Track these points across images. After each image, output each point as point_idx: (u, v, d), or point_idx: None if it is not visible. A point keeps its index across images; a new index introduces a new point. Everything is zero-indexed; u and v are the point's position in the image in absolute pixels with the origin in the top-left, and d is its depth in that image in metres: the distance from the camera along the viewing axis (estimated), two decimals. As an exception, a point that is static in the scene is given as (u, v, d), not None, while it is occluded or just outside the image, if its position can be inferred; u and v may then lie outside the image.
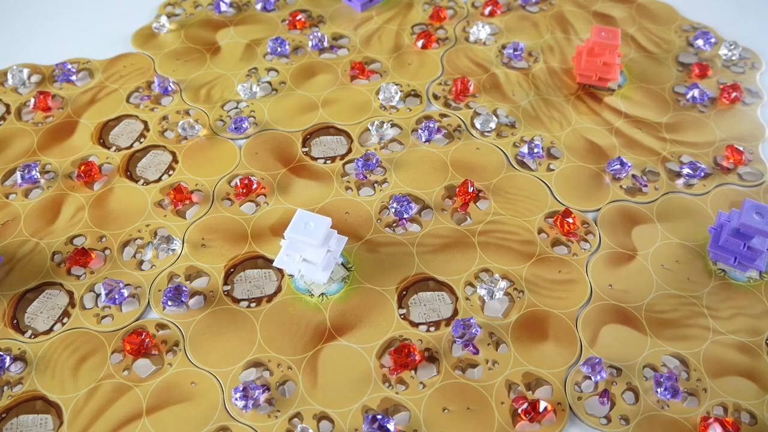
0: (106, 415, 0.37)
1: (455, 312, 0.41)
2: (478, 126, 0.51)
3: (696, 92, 0.54)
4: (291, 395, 0.37)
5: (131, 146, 0.50)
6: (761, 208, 0.39)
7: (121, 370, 0.38)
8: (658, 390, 0.37)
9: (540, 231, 0.45)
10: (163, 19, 0.60)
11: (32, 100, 0.52)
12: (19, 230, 0.45)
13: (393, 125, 0.52)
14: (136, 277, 0.42)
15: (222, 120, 0.52)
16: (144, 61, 0.57)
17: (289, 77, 0.55)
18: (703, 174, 0.48)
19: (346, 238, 0.43)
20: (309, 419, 0.36)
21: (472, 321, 0.39)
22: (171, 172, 0.48)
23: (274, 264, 0.41)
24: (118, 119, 0.52)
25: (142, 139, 0.51)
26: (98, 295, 0.41)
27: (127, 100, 0.54)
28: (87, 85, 0.55)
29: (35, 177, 0.47)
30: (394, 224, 0.45)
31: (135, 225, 0.45)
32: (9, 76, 0.55)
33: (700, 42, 0.59)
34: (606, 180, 0.48)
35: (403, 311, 0.41)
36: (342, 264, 0.43)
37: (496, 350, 0.39)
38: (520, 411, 0.36)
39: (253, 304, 0.41)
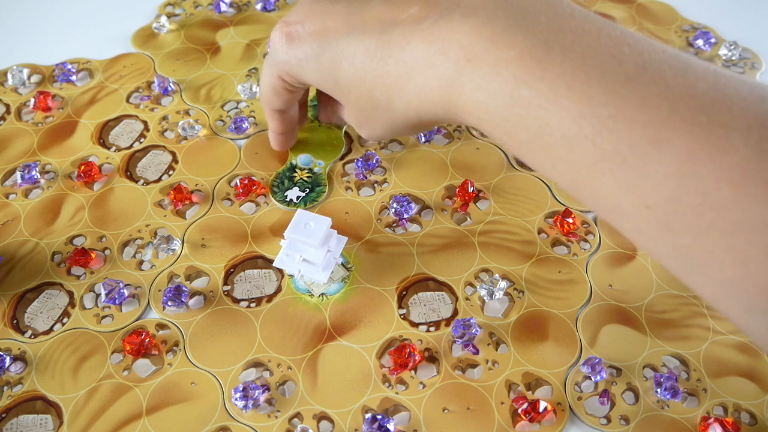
0: (106, 415, 0.37)
1: (455, 312, 0.41)
2: (478, 126, 0.51)
3: (696, 92, 0.54)
4: (291, 395, 0.37)
5: (131, 146, 0.50)
6: (761, 208, 0.39)
7: (121, 370, 0.38)
8: (658, 390, 0.37)
9: (540, 231, 0.45)
10: (163, 19, 0.60)
11: (32, 100, 0.52)
12: (19, 230, 0.45)
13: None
14: (136, 277, 0.42)
15: (222, 120, 0.52)
16: (144, 61, 0.57)
17: (289, 77, 0.55)
18: (703, 174, 0.48)
19: (346, 238, 0.43)
20: (309, 419, 0.36)
21: (472, 321, 0.39)
22: (171, 172, 0.48)
23: (274, 264, 0.41)
24: (118, 119, 0.52)
25: (142, 140, 0.51)
26: (98, 295, 0.42)
27: (127, 100, 0.54)
28: (87, 85, 0.55)
29: (35, 177, 0.47)
30: (394, 224, 0.45)
31: (135, 225, 0.45)
32: (9, 76, 0.55)
33: (700, 42, 0.59)
34: (606, 180, 0.48)
35: (403, 311, 0.41)
36: (342, 264, 0.43)
37: (496, 350, 0.39)
38: (520, 411, 0.36)
39: (253, 304, 0.41)
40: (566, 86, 0.24)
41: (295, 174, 0.47)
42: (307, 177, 0.47)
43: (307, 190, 0.47)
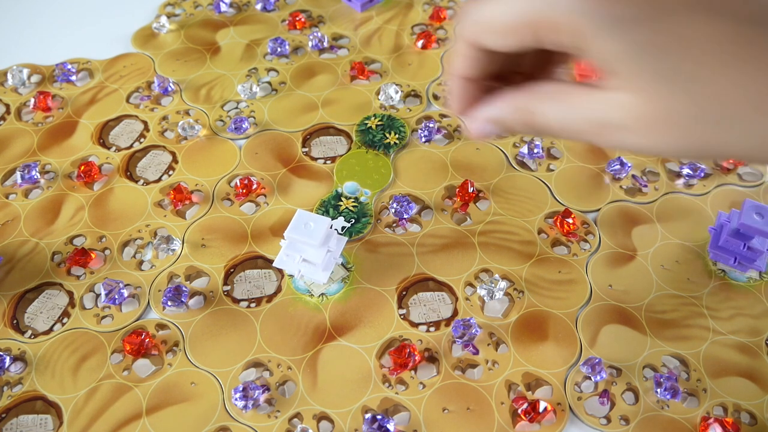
0: (106, 415, 0.37)
1: (455, 312, 0.41)
2: (478, 126, 0.51)
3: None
4: (291, 395, 0.37)
5: (131, 146, 0.50)
6: (761, 208, 0.39)
7: (121, 370, 0.38)
8: (658, 390, 0.37)
9: (540, 231, 0.45)
10: (163, 19, 0.60)
11: (32, 100, 0.52)
12: (19, 230, 0.45)
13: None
14: (136, 277, 0.42)
15: (222, 120, 0.52)
16: (144, 61, 0.57)
17: (289, 77, 0.55)
18: (703, 174, 0.48)
19: (346, 238, 0.43)
20: (309, 419, 0.36)
21: (472, 321, 0.39)
22: (171, 172, 0.48)
23: (274, 264, 0.41)
24: (118, 119, 0.52)
25: (142, 140, 0.51)
26: (98, 295, 0.41)
27: (127, 101, 0.54)
28: (87, 85, 0.55)
29: (35, 177, 0.47)
30: (394, 224, 0.45)
31: (135, 225, 0.45)
32: (9, 76, 0.55)
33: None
34: (606, 180, 0.48)
35: (403, 311, 0.41)
36: (342, 264, 0.43)
37: (496, 350, 0.39)
38: (520, 411, 0.36)
39: (253, 305, 0.41)
40: None
41: (341, 203, 0.46)
42: (353, 206, 0.45)
43: (353, 220, 0.45)
